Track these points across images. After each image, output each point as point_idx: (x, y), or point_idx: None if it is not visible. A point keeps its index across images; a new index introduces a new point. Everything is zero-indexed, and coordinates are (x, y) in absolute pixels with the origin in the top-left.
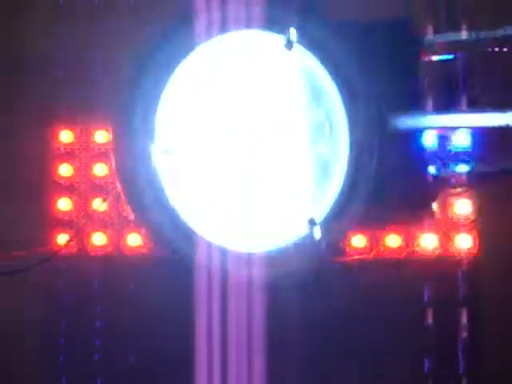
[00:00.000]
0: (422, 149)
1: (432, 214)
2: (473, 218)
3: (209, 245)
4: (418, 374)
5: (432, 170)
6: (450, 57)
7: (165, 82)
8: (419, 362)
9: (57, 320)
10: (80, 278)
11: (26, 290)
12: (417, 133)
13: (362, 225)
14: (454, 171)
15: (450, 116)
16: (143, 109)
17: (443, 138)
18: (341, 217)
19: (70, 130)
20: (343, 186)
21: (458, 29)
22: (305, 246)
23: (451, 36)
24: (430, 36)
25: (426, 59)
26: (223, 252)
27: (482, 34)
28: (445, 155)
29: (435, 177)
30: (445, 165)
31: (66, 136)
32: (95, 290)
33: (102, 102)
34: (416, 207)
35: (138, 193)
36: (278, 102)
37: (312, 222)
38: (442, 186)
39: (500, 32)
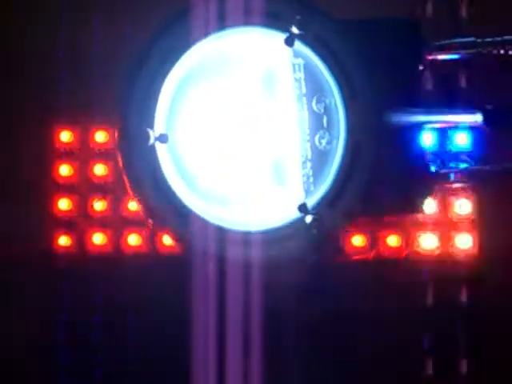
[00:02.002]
0: (420, 145)
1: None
2: (473, 217)
3: (205, 224)
4: (418, 374)
5: (431, 167)
6: (453, 57)
7: (162, 77)
8: (419, 362)
9: (56, 320)
10: (80, 278)
11: (25, 289)
12: (415, 129)
13: (356, 217)
14: (453, 169)
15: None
16: (141, 104)
17: (443, 137)
18: (333, 206)
19: (70, 130)
20: (337, 176)
21: (461, 31)
22: (297, 230)
23: (454, 37)
24: (433, 37)
25: (429, 59)
26: (220, 231)
27: (485, 38)
28: (444, 154)
29: (434, 173)
30: (444, 163)
31: (65, 136)
32: (95, 290)
33: (102, 102)
34: (413, 201)
35: (136, 173)
36: (278, 94)
37: (303, 208)
38: (440, 182)
39: (503, 37)
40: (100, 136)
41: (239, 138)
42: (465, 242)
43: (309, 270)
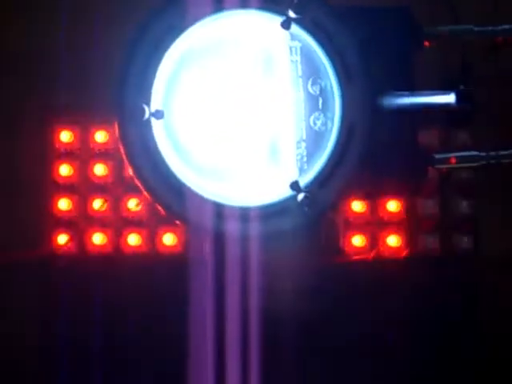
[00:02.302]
0: (415, 129)
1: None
2: (473, 217)
3: (201, 199)
4: (418, 374)
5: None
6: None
7: (159, 56)
8: (420, 362)
9: (56, 320)
10: (80, 277)
11: (25, 289)
12: (412, 113)
13: (348, 196)
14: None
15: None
16: (138, 80)
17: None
18: (326, 186)
19: (70, 130)
20: (331, 157)
21: (459, 20)
22: (289, 207)
23: (452, 26)
24: (430, 25)
25: (426, 47)
26: (216, 206)
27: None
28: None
29: (430, 157)
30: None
31: (65, 136)
32: (95, 290)
33: (102, 102)
34: (408, 183)
35: (132, 148)
36: (275, 76)
37: (295, 186)
38: (436, 166)
39: (502, 25)
40: (100, 136)
41: (236, 117)
42: (465, 242)
43: (309, 270)
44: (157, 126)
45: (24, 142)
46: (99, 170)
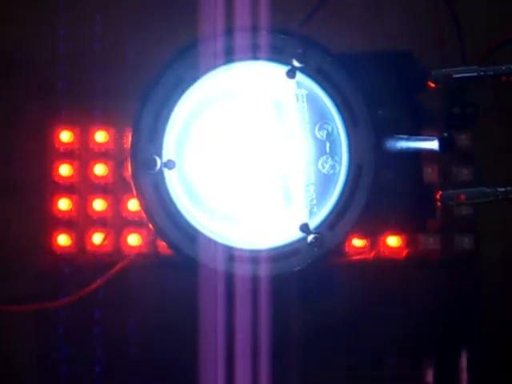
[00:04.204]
0: (420, 169)
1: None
2: (473, 218)
3: (213, 243)
4: (418, 374)
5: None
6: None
7: (171, 107)
8: (419, 362)
9: (55, 320)
10: (80, 277)
11: (25, 290)
12: (415, 154)
13: (358, 234)
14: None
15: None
16: (149, 133)
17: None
18: (334, 227)
19: (70, 130)
20: (339, 199)
21: (464, 62)
22: (299, 248)
23: (457, 69)
24: (435, 68)
25: (431, 89)
26: (228, 249)
27: (487, 68)
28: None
29: (437, 196)
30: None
31: (65, 136)
32: (95, 290)
33: (103, 102)
34: (416, 220)
35: (146, 199)
36: (284, 122)
37: (305, 228)
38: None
39: (506, 66)
40: (100, 136)
41: (247, 163)
42: (465, 242)
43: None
44: (170, 175)
45: (24, 142)
46: (99, 169)
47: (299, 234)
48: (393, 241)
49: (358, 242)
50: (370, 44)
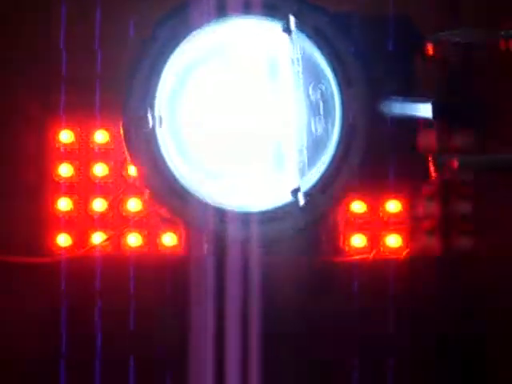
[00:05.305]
0: (414, 133)
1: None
2: (473, 218)
3: (204, 205)
4: (418, 374)
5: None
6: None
7: (163, 64)
8: (420, 362)
9: (56, 320)
10: (80, 277)
11: (25, 290)
12: (410, 118)
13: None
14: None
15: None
16: (142, 89)
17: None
18: (325, 191)
19: (70, 129)
20: (331, 163)
21: (460, 27)
22: (291, 212)
23: (453, 33)
24: (431, 32)
25: (426, 54)
26: (219, 211)
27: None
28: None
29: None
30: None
31: (65, 136)
32: (95, 290)
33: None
34: (411, 183)
35: (137, 154)
36: (276, 82)
37: (296, 192)
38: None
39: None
40: (100, 136)
41: (239, 123)
42: (464, 242)
43: (309, 270)
44: (161, 133)
45: (24, 142)
46: (99, 169)
47: (291, 198)
48: (393, 241)
49: (358, 242)
50: (367, 8)
